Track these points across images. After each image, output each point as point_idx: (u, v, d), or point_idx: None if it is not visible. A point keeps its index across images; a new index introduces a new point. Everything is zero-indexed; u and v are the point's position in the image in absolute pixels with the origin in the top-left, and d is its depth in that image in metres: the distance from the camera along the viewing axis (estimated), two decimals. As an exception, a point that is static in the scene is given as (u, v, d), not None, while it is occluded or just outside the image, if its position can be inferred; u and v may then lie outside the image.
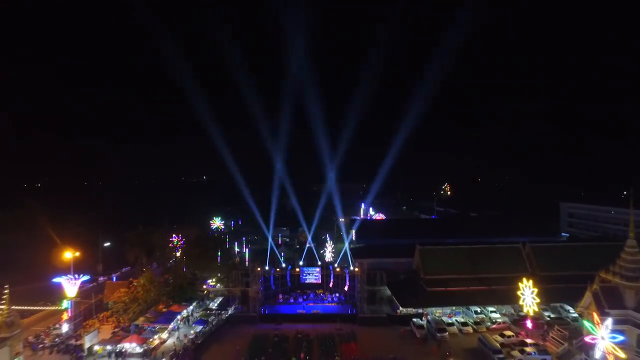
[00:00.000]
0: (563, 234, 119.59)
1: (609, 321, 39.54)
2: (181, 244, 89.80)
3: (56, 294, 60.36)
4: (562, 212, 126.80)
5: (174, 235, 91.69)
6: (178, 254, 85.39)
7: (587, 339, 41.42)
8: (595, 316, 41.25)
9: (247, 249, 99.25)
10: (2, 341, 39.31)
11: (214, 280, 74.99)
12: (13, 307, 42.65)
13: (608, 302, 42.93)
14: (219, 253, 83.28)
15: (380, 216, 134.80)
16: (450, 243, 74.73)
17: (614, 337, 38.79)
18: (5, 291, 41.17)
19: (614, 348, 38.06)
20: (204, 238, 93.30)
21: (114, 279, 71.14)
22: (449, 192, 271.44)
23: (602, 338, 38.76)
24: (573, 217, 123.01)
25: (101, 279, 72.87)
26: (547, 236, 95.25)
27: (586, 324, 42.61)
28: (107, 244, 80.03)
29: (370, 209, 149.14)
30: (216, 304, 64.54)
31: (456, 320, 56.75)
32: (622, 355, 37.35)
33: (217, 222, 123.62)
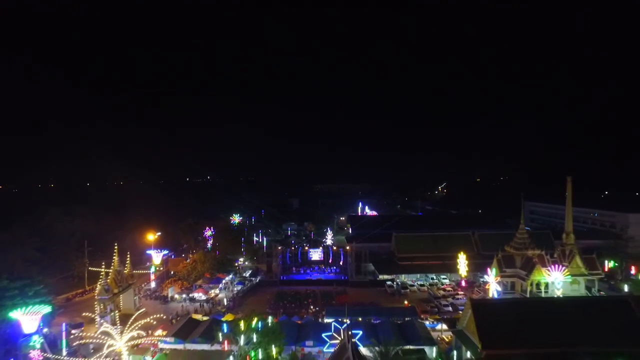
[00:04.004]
0: (527, 228, 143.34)
1: (501, 286, 64.38)
2: (212, 233, 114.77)
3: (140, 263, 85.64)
4: (525, 209, 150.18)
5: (206, 227, 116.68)
6: (210, 242, 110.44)
7: (488, 270, 66.84)
8: (499, 273, 65.92)
9: (264, 239, 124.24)
10: (129, 286, 64.51)
11: (241, 260, 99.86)
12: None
13: (505, 264, 67.71)
14: (242, 241, 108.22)
15: (373, 213, 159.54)
16: (424, 232, 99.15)
17: (498, 290, 63.74)
18: (128, 256, 66.47)
19: (491, 290, 63.70)
20: (231, 229, 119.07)
21: (173, 256, 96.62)
22: (443, 193, 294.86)
23: (492, 282, 63.66)
24: (533, 214, 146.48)
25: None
26: (505, 229, 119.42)
27: (493, 270, 66.61)
28: (158, 233, 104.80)
29: (367, 207, 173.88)
30: (248, 274, 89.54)
31: (417, 283, 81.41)
32: (489, 295, 62.38)
33: (236, 218, 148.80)
